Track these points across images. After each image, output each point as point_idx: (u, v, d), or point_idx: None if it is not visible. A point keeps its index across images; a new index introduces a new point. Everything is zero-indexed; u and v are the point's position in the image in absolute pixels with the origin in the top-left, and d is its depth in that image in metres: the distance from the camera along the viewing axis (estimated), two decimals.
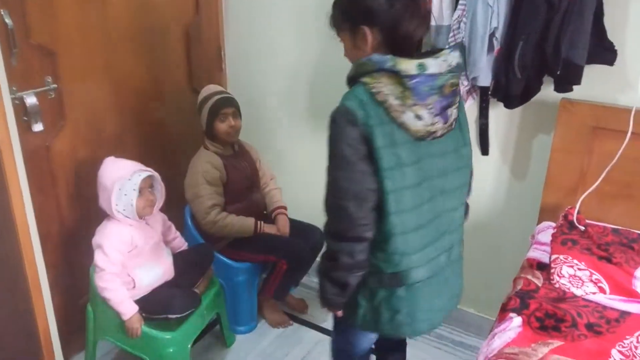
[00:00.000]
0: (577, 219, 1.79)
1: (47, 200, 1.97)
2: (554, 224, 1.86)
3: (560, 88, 1.84)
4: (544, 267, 1.73)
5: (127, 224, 1.91)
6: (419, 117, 1.25)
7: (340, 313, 1.47)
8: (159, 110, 2.37)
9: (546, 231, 1.87)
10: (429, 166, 1.31)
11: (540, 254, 1.79)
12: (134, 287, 1.94)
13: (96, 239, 1.89)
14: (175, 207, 2.46)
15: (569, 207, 1.83)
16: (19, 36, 1.73)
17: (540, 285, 1.65)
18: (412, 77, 1.22)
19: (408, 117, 1.24)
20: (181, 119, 2.48)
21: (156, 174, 1.96)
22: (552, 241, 1.75)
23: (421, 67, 1.22)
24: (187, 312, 1.98)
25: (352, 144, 1.23)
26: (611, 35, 1.77)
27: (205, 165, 2.22)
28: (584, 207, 1.83)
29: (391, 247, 1.31)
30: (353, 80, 1.31)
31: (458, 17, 1.83)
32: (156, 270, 2.00)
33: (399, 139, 1.24)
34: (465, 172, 1.43)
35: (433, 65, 1.24)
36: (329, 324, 2.51)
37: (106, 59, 2.07)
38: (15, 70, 1.75)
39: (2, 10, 1.67)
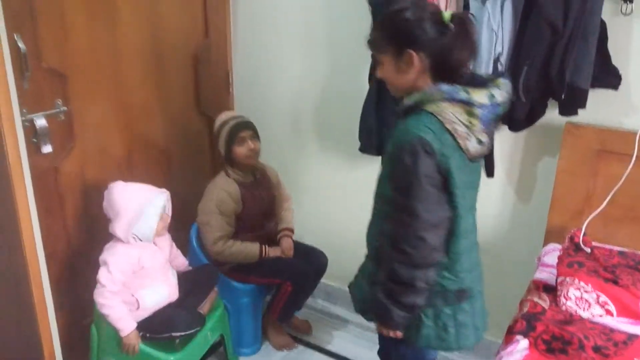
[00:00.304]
0: (583, 241, 1.78)
1: (54, 220, 1.98)
2: (560, 246, 1.85)
3: (565, 112, 1.85)
4: (550, 289, 1.72)
5: (137, 246, 1.92)
6: (480, 142, 1.32)
7: (400, 334, 1.46)
8: (167, 132, 2.39)
9: (552, 253, 1.87)
10: (474, 185, 1.42)
11: (546, 275, 1.79)
12: (138, 308, 1.94)
13: (103, 256, 1.90)
14: (181, 228, 2.47)
15: (575, 229, 1.83)
16: (31, 60, 1.76)
17: (546, 307, 1.65)
18: (482, 106, 1.29)
19: (472, 143, 1.30)
20: (188, 141, 2.50)
21: (168, 193, 1.98)
22: (558, 263, 1.75)
23: (492, 97, 1.30)
24: (191, 331, 1.97)
25: (430, 174, 1.27)
26: (615, 60, 1.79)
27: (222, 194, 2.21)
28: (590, 229, 1.83)
29: (459, 266, 1.39)
30: (413, 108, 1.32)
31: None
32: (161, 291, 2.00)
33: (461, 163, 1.31)
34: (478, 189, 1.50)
35: (498, 95, 1.32)
36: (333, 346, 2.50)
37: (116, 82, 2.10)
38: (27, 92, 1.78)
39: (15, 34, 1.70)
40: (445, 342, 1.44)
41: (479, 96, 1.29)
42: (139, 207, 1.88)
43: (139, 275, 1.93)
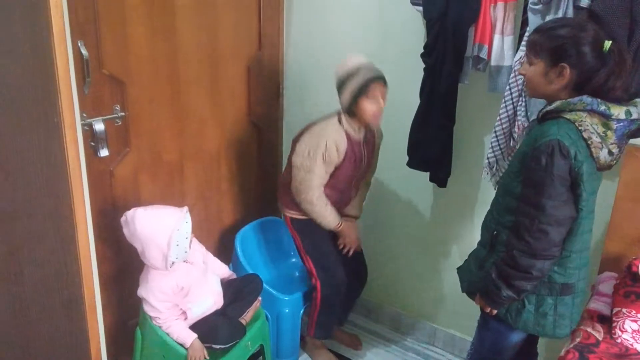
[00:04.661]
0: None
1: (107, 222, 2.04)
2: (616, 275, 1.78)
3: None
4: (605, 320, 1.65)
5: (170, 272, 1.92)
6: (611, 154, 1.44)
7: (494, 311, 1.60)
8: (217, 139, 2.43)
9: (608, 282, 1.79)
10: (596, 192, 1.52)
11: (601, 305, 1.71)
12: (185, 318, 1.99)
13: (141, 292, 1.95)
14: (228, 233, 2.50)
15: (634, 257, 1.75)
16: (92, 66, 1.83)
17: (600, 339, 1.58)
18: (619, 120, 1.41)
19: (603, 153, 1.43)
20: (237, 149, 2.54)
21: (187, 208, 1.95)
22: (614, 293, 1.68)
23: (628, 113, 1.42)
24: (232, 343, 1.99)
25: (563, 176, 1.40)
26: None
27: (330, 144, 2.05)
28: None
29: (570, 263, 1.52)
30: (552, 114, 1.46)
31: (520, 58, 1.81)
32: (207, 302, 2.03)
33: (590, 170, 1.44)
34: None
35: (635, 112, 1.44)
36: None
37: (171, 90, 2.16)
38: (87, 97, 1.84)
39: (79, 41, 1.77)
40: (542, 328, 1.56)
41: (617, 111, 1.41)
42: (168, 237, 1.85)
43: (181, 294, 1.96)
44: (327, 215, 2.16)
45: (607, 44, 1.40)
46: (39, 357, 1.81)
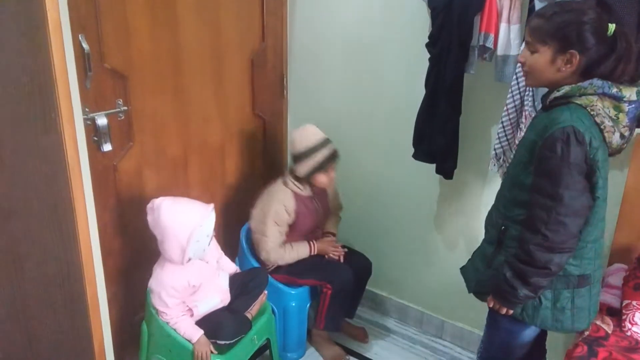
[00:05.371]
0: None
1: (112, 218, 2.04)
2: (626, 267, 1.75)
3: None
4: (614, 313, 1.63)
5: (184, 268, 1.92)
6: (622, 137, 1.40)
7: (511, 312, 1.53)
8: (222, 133, 2.42)
9: (617, 274, 1.77)
10: (607, 177, 1.46)
11: (610, 298, 1.69)
12: (192, 315, 1.99)
13: (152, 285, 1.94)
14: (234, 226, 2.49)
15: None
16: (94, 60, 1.81)
17: (610, 332, 1.56)
18: (631, 102, 1.36)
19: (615, 137, 1.38)
20: (242, 143, 2.53)
21: (213, 206, 1.96)
22: (623, 285, 1.66)
23: (639, 94, 1.37)
24: (237, 339, 1.99)
25: (579, 164, 1.34)
26: None
27: (279, 207, 2.23)
28: None
29: (587, 254, 1.46)
30: (560, 100, 1.40)
31: None
32: (214, 300, 2.03)
33: (605, 157, 1.40)
34: None
35: None
36: (382, 357, 2.45)
37: (174, 84, 2.14)
38: (89, 92, 1.83)
39: (79, 35, 1.75)
40: (561, 324, 1.50)
41: (629, 92, 1.36)
42: (190, 233, 1.85)
43: (191, 291, 1.96)
44: (294, 257, 2.29)
45: (612, 27, 1.35)
46: (41, 354, 1.81)
